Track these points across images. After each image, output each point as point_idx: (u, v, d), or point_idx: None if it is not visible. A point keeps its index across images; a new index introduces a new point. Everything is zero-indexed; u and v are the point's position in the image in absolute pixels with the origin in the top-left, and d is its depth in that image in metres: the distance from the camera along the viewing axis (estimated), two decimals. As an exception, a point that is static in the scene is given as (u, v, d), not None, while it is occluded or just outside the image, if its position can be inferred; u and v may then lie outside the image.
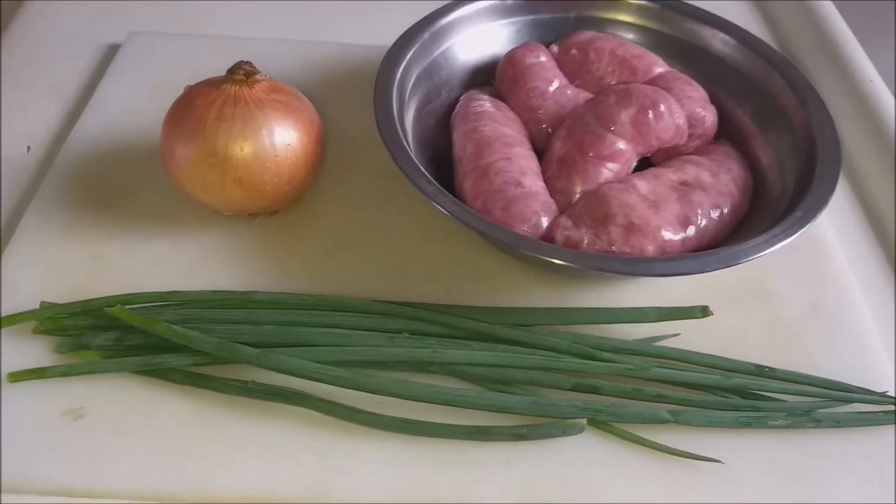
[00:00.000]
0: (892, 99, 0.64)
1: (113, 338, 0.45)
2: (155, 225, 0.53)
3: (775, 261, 0.47)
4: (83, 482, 0.41)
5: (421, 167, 0.48)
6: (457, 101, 0.59)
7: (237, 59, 0.50)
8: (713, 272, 0.45)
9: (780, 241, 0.45)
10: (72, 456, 0.42)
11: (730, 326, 0.50)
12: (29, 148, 0.59)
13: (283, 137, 0.48)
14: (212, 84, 0.49)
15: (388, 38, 0.57)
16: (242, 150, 0.47)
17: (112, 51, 0.68)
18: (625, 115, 0.52)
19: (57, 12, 0.73)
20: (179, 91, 0.51)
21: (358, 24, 0.73)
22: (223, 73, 0.50)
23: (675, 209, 0.49)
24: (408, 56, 0.55)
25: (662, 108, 0.52)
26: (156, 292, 0.47)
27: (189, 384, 0.44)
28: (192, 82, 0.51)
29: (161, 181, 0.53)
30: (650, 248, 0.47)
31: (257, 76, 0.49)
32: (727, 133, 0.57)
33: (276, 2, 0.76)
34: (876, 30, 0.90)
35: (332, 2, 0.76)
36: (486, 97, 0.58)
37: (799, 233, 0.46)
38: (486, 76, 0.61)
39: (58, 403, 0.44)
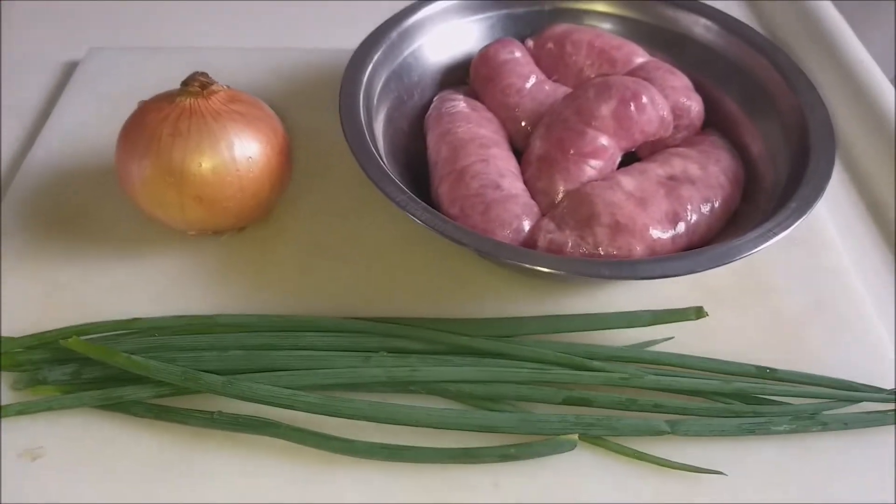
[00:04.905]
0: (887, 81, 0.62)
1: (70, 371, 0.42)
2: (116, 248, 0.50)
3: (772, 255, 0.45)
4: (43, 528, 0.39)
5: (392, 175, 0.46)
6: (430, 102, 0.56)
7: (197, 70, 0.48)
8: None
9: (775, 235, 0.43)
10: (30, 500, 0.39)
11: (727, 326, 0.47)
12: (-13, 173, 0.57)
13: (244, 150, 0.45)
14: (166, 98, 0.46)
15: (354, 42, 0.54)
16: (200, 165, 0.44)
17: (72, 68, 0.65)
18: (605, 109, 0.49)
19: (14, 31, 0.70)
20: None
21: (322, 28, 0.71)
22: (184, 85, 0.47)
23: (663, 206, 0.46)
24: (374, 59, 0.53)
25: (644, 99, 0.49)
26: (115, 321, 0.44)
27: (152, 417, 0.41)
28: (151, 96, 0.48)
29: (122, 201, 0.50)
30: (638, 249, 0.45)
31: (213, 87, 0.46)
32: (715, 122, 0.55)
33: (236, 11, 0.73)
34: (866, 12, 0.87)
35: (293, 7, 0.74)
36: (461, 97, 0.56)
37: (794, 226, 0.43)
38: (461, 75, 0.59)
39: (14, 444, 0.41)
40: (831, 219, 0.54)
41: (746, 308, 0.49)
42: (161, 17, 0.72)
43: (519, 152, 0.53)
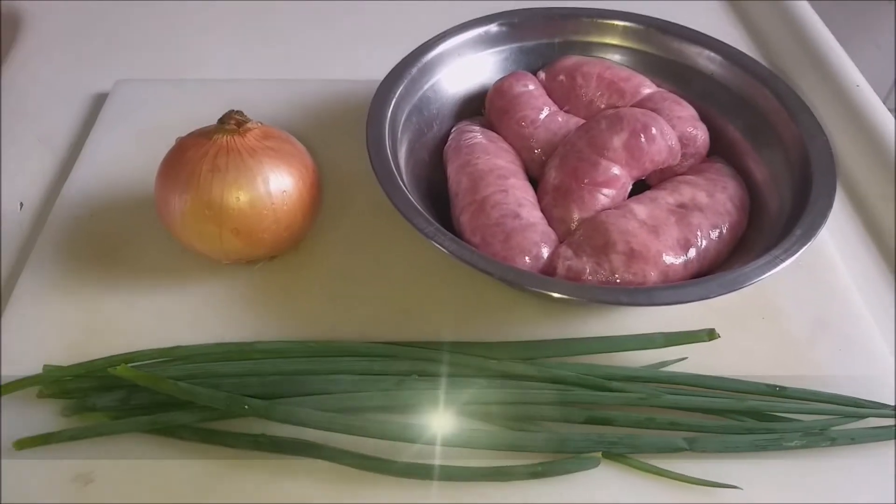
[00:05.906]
0: (881, 103, 0.65)
1: (119, 398, 0.44)
2: (153, 277, 0.52)
3: (778, 278, 0.47)
4: (97, 549, 0.41)
5: (418, 207, 0.48)
6: (449, 132, 0.59)
7: (224, 102, 0.50)
8: (716, 294, 0.45)
9: (781, 262, 0.45)
10: (84, 523, 0.41)
11: (736, 346, 0.50)
12: (22, 204, 0.59)
13: (279, 184, 0.48)
14: (203, 134, 0.49)
15: (374, 72, 0.57)
16: (238, 199, 0.47)
17: (99, 100, 0.67)
18: (617, 141, 0.52)
19: (42, 64, 0.72)
20: (169, 138, 0.51)
21: (343, 60, 0.73)
22: (212, 117, 0.49)
23: (674, 233, 0.49)
24: (397, 93, 0.55)
25: (654, 130, 0.52)
26: (158, 349, 0.47)
27: (198, 440, 0.44)
28: (181, 128, 0.51)
29: (157, 231, 0.53)
30: (653, 274, 0.47)
31: (248, 124, 0.49)
32: (720, 150, 0.57)
33: (259, 42, 0.76)
34: (856, 32, 0.90)
35: (315, 39, 0.76)
36: (478, 128, 0.58)
37: (799, 252, 0.46)
38: (477, 105, 0.61)
39: (67, 469, 0.43)
40: (833, 241, 0.57)
41: (754, 328, 0.51)
42: (184, 49, 0.74)
43: (534, 180, 0.56)
